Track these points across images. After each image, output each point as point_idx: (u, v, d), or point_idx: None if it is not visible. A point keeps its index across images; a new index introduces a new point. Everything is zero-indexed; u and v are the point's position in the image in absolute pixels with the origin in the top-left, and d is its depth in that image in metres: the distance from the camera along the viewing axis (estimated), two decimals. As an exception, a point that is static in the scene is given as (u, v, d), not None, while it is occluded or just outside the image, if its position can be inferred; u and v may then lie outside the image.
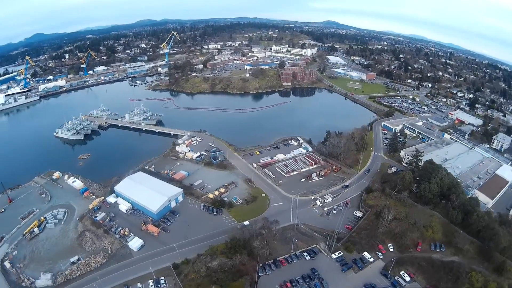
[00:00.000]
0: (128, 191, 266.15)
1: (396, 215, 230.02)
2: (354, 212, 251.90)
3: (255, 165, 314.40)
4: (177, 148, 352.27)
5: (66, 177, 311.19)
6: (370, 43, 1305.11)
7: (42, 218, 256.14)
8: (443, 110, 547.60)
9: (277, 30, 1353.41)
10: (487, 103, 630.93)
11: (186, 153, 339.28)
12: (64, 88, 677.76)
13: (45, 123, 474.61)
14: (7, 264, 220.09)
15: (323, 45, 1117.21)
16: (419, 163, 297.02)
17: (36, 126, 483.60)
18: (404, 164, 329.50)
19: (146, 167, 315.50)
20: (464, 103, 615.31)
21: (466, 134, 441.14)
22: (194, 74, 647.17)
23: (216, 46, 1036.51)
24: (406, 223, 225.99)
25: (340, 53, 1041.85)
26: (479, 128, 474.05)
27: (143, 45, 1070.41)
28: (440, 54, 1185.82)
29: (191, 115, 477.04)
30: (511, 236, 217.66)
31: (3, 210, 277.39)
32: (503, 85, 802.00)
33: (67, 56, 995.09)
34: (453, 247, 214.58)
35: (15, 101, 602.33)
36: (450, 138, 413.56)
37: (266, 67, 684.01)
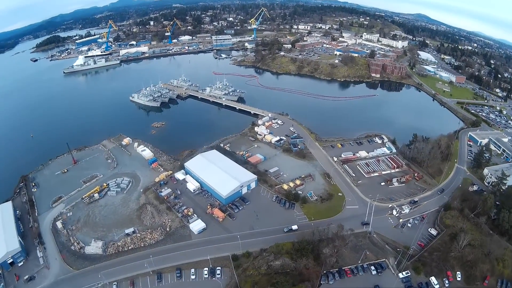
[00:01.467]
0: (199, 170, 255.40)
1: (471, 241, 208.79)
2: (429, 229, 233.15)
3: (335, 159, 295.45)
4: (256, 129, 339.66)
5: (136, 144, 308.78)
6: (461, 43, 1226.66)
7: (105, 184, 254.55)
8: None
9: (368, 18, 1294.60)
10: None
11: (265, 135, 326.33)
12: (146, 55, 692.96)
13: (122, 87, 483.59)
14: (59, 224, 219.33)
15: (413, 38, 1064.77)
16: (503, 187, 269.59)
17: (113, 89, 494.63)
18: (486, 183, 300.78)
19: (221, 145, 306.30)
20: None
21: None
22: (282, 53, 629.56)
23: (306, 27, 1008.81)
24: (480, 252, 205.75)
25: (431, 49, 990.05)
26: None
27: (230, 19, 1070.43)
28: None
29: (274, 95, 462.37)
30: None
31: (66, 170, 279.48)
32: None
33: (152, 23, 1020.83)
34: None
35: (95, 63, 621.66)
36: None
37: (356, 54, 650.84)
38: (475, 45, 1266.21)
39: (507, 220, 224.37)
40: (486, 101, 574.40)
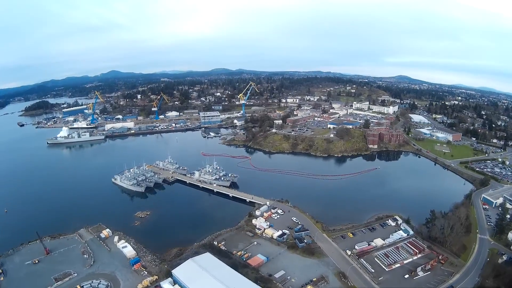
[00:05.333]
0: (190, 281, 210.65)
1: None
2: None
3: (349, 252, 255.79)
4: (254, 221, 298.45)
5: (116, 238, 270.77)
6: (446, 98, 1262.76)
7: (78, 287, 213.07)
8: None
9: (354, 86, 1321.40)
10: None
11: (265, 229, 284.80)
12: (132, 131, 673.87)
13: (105, 166, 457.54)
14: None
15: (402, 102, 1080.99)
16: None
17: (95, 167, 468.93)
18: None
19: (215, 243, 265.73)
20: None
21: None
22: (274, 130, 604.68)
23: (294, 100, 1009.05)
24: None
25: (421, 110, 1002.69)
26: None
27: (218, 94, 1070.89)
28: None
29: (270, 178, 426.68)
30: None
31: (37, 261, 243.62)
32: None
33: (139, 96, 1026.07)
34: None
35: (79, 136, 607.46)
36: None
37: (350, 126, 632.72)
38: (459, 98, 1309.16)
39: None
40: (486, 154, 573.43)
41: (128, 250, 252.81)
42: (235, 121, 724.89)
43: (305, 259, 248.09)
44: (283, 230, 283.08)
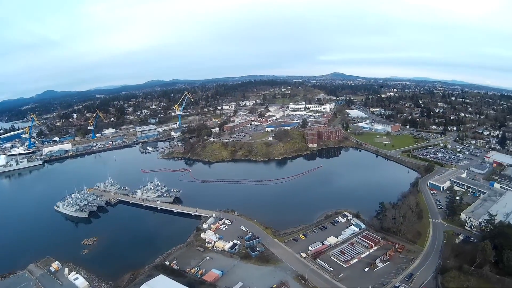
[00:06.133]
0: None
1: None
2: None
3: (304, 255, 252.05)
4: (202, 235, 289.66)
5: (66, 270, 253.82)
6: (382, 91, 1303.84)
7: None
8: (478, 154, 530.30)
9: (289, 87, 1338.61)
10: None
11: (215, 242, 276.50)
12: (70, 153, 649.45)
13: (46, 193, 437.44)
14: None
15: (338, 98, 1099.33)
16: (492, 227, 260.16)
17: (36, 196, 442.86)
18: (467, 228, 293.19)
19: (167, 263, 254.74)
20: (493, 141, 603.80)
21: None
22: (212, 139, 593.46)
23: (230, 106, 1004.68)
24: None
25: (358, 105, 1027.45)
26: None
27: (153, 107, 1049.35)
28: (452, 93, 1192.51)
29: (213, 189, 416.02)
30: None
31: None
32: None
33: (75, 115, 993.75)
34: None
35: (17, 163, 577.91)
36: (501, 187, 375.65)
37: (288, 127, 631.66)
38: (395, 89, 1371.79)
39: None
40: (427, 141, 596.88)
41: (81, 282, 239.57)
42: (172, 133, 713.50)
43: (261, 267, 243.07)
44: (234, 241, 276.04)
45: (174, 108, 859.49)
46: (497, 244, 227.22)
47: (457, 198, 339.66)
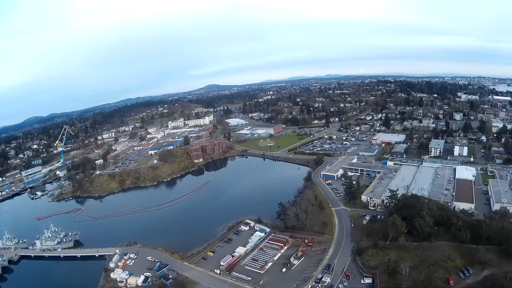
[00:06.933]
0: None
1: (411, 264, 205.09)
2: (362, 281, 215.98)
3: (217, 271, 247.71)
4: (112, 275, 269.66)
5: None
6: (258, 96, 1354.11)
7: None
8: (364, 139, 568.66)
9: (166, 105, 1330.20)
10: (398, 116, 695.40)
11: (127, 280, 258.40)
12: None
13: None
14: None
15: (215, 110, 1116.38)
16: (397, 202, 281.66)
17: None
18: (371, 208, 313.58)
19: None
20: (377, 124, 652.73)
21: (404, 154, 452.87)
22: (98, 172, 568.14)
23: (110, 134, 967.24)
24: (425, 266, 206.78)
25: (236, 113, 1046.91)
26: (409, 143, 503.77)
27: (35, 146, 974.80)
28: (329, 87, 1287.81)
29: (110, 224, 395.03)
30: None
31: None
32: (403, 95, 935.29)
33: None
34: (477, 263, 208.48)
35: None
36: (394, 164, 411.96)
37: (171, 147, 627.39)
38: (271, 92, 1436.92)
39: (425, 225, 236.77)
40: (312, 136, 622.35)
41: None
42: (58, 172, 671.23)
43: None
44: (145, 274, 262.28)
45: (55, 144, 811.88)
46: (405, 215, 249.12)
47: (354, 182, 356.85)
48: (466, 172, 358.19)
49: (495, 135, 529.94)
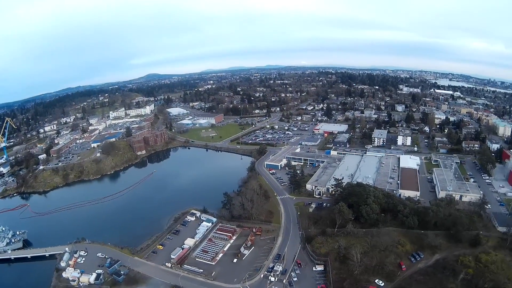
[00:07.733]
0: None
1: (361, 250, 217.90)
2: (314, 268, 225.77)
3: (168, 264, 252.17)
4: (64, 274, 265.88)
5: None
6: (199, 85, 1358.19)
7: None
8: (306, 129, 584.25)
9: (106, 94, 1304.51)
10: (339, 107, 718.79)
11: (78, 278, 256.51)
12: None
13: None
14: None
15: (156, 99, 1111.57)
16: (343, 190, 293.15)
17: None
18: (316, 196, 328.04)
19: None
20: (319, 114, 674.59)
21: (347, 144, 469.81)
22: (41, 167, 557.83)
23: (52, 127, 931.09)
24: (376, 252, 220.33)
25: (177, 102, 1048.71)
26: (351, 133, 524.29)
27: None
28: (269, 77, 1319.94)
29: (58, 220, 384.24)
30: (465, 214, 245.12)
31: None
32: (344, 86, 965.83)
33: None
34: (427, 248, 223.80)
35: None
36: (338, 153, 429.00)
37: (113, 139, 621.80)
38: (211, 81, 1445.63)
39: (371, 212, 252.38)
40: (253, 126, 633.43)
41: None
42: (1, 169, 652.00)
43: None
44: (97, 271, 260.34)
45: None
46: (351, 203, 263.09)
47: (298, 171, 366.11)
48: (410, 161, 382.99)
49: (438, 126, 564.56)
